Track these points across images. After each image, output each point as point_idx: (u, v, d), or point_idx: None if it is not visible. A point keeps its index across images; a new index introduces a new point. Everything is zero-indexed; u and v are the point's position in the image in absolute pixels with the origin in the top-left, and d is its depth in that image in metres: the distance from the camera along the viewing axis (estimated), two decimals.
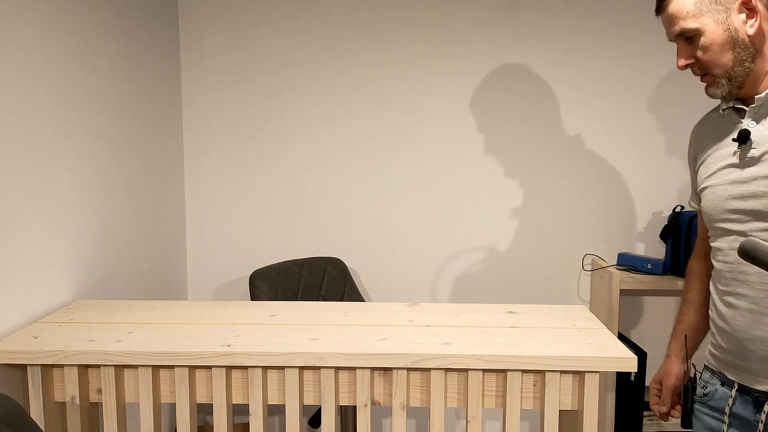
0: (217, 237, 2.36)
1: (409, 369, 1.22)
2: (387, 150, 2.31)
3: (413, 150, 2.31)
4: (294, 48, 2.28)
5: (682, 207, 2.24)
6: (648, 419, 2.18)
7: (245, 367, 1.24)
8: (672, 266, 2.17)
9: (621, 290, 2.09)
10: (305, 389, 1.25)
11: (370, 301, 2.34)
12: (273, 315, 1.45)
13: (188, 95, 2.30)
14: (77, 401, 1.24)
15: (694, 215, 2.12)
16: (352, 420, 2.10)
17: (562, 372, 1.21)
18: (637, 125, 2.26)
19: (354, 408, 2.05)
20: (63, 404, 1.28)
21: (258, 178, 2.34)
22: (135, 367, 1.25)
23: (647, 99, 2.27)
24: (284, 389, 1.24)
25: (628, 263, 2.24)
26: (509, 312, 1.49)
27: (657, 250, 2.31)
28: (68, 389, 1.24)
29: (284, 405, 1.25)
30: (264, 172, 2.33)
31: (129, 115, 1.89)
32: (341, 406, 2.08)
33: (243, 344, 1.24)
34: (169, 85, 2.21)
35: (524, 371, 1.21)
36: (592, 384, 1.20)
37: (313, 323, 1.38)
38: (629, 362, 1.19)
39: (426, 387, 1.23)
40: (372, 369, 1.23)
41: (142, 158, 1.99)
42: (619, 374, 2.13)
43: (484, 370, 1.21)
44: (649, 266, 2.17)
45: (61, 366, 1.24)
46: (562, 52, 2.25)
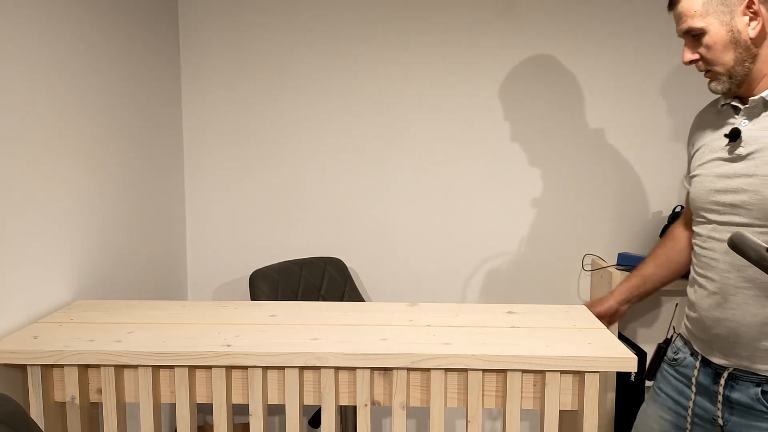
0: (217, 237, 2.36)
1: (409, 369, 1.22)
2: (387, 150, 2.31)
3: (414, 150, 2.31)
4: (294, 48, 2.28)
5: (682, 207, 2.24)
6: None
7: (245, 367, 1.24)
8: None
9: None
10: (305, 389, 1.25)
11: (370, 301, 2.34)
12: (273, 315, 1.45)
13: (188, 95, 2.30)
14: (77, 401, 1.24)
15: None
16: (352, 420, 2.10)
17: (562, 372, 1.21)
18: (637, 125, 2.26)
19: (354, 408, 2.05)
20: (63, 404, 1.28)
21: (258, 178, 2.34)
22: (135, 367, 1.25)
23: (647, 99, 2.27)
24: (284, 389, 1.24)
25: (628, 263, 2.24)
26: (509, 312, 1.49)
27: None
28: (68, 389, 1.24)
29: (284, 405, 1.25)
30: (264, 172, 2.33)
31: (129, 115, 1.89)
32: (341, 406, 2.08)
33: (243, 344, 1.24)
34: (169, 85, 2.21)
35: (524, 371, 1.21)
36: (592, 384, 1.20)
37: (313, 323, 1.38)
38: (629, 362, 1.19)
39: (426, 387, 1.23)
40: (372, 369, 1.23)
41: (143, 158, 1.99)
42: (619, 374, 2.13)
43: (484, 370, 1.21)
44: None
45: (61, 366, 1.24)
46: (562, 53, 2.25)
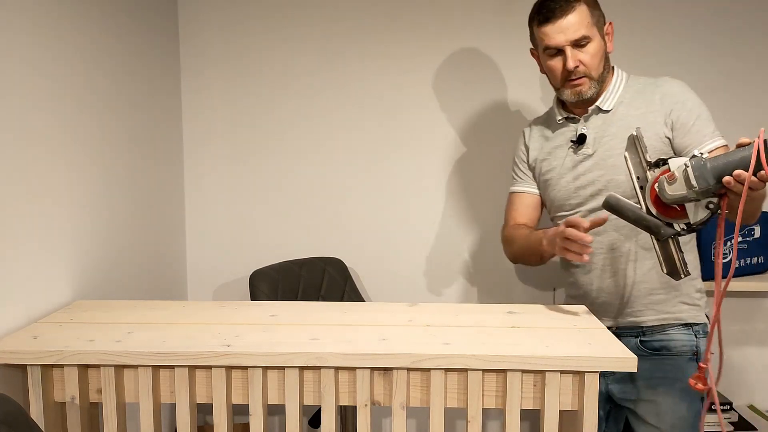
0: (217, 237, 2.36)
1: (409, 369, 1.22)
2: (388, 150, 2.31)
3: (414, 150, 2.31)
4: (295, 48, 2.28)
5: None
6: None
7: (245, 367, 1.24)
8: None
9: None
10: (305, 389, 1.25)
11: (370, 301, 2.34)
12: (273, 315, 1.45)
13: (188, 95, 2.30)
14: (77, 401, 1.24)
15: None
16: (352, 420, 2.10)
17: (562, 372, 1.21)
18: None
19: (354, 408, 2.05)
20: (63, 404, 1.28)
21: (258, 178, 2.34)
22: (135, 367, 1.25)
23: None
24: (284, 389, 1.24)
25: None
26: (509, 312, 1.49)
27: None
28: (68, 389, 1.24)
29: (284, 405, 1.25)
30: (264, 172, 2.33)
31: (129, 115, 1.89)
32: (341, 407, 2.07)
33: (243, 344, 1.24)
34: (169, 85, 2.21)
35: (524, 371, 1.21)
36: (592, 384, 1.20)
37: (313, 323, 1.38)
38: (629, 362, 1.19)
39: (426, 387, 1.23)
40: (372, 369, 1.23)
41: (143, 158, 1.99)
42: None
43: (484, 370, 1.21)
44: None
45: (61, 366, 1.24)
46: None
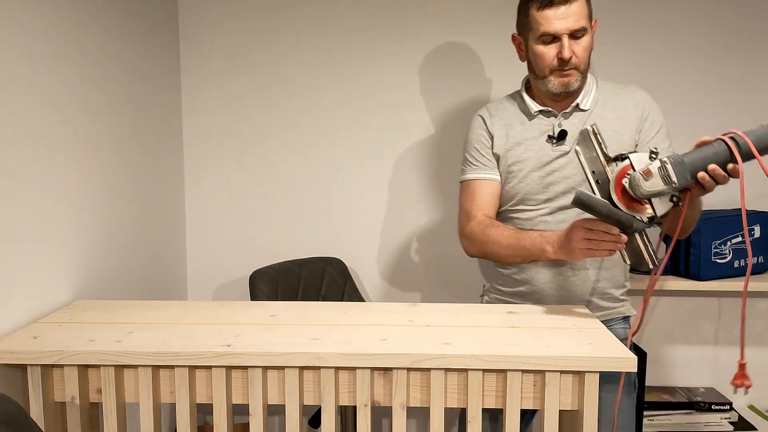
0: (217, 237, 2.36)
1: (409, 369, 1.22)
2: (388, 150, 2.31)
3: (415, 149, 2.31)
4: (295, 48, 2.27)
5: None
6: (648, 419, 2.18)
7: (245, 367, 1.24)
8: (672, 266, 2.17)
9: None
10: (305, 389, 1.25)
11: (370, 301, 2.34)
12: (273, 315, 1.45)
13: (188, 95, 2.30)
14: (77, 401, 1.24)
15: None
16: (352, 420, 2.10)
17: (562, 372, 1.21)
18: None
19: (353, 408, 2.05)
20: (63, 404, 1.28)
21: (258, 178, 2.33)
22: (135, 367, 1.25)
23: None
24: (284, 389, 1.24)
25: None
26: (509, 312, 1.49)
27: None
28: (68, 389, 1.24)
29: (284, 405, 1.25)
30: (264, 172, 2.33)
31: (129, 116, 1.89)
32: (340, 406, 2.07)
33: (243, 344, 1.24)
34: (169, 85, 2.21)
35: (524, 371, 1.21)
36: (592, 384, 1.20)
37: (313, 323, 1.38)
38: (629, 362, 1.19)
39: (426, 387, 1.23)
40: (372, 369, 1.23)
41: (142, 158, 1.99)
42: None
43: (484, 370, 1.21)
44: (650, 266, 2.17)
45: (61, 366, 1.24)
46: None
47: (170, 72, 2.22)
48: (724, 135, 1.24)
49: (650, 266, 1.35)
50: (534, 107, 1.63)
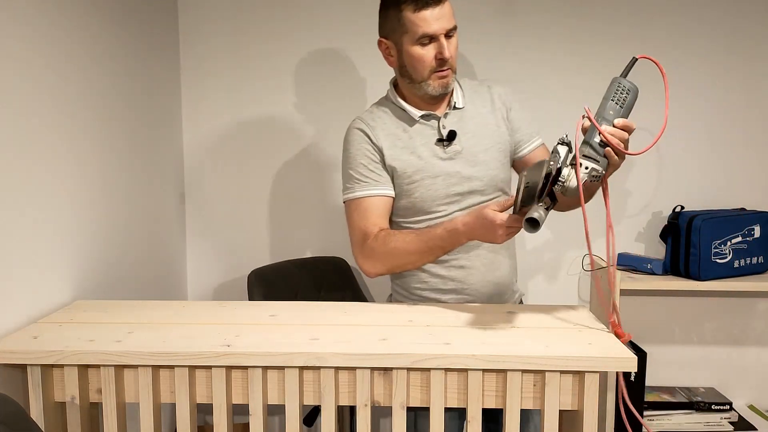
0: (217, 237, 2.36)
1: (409, 369, 1.22)
2: None
3: None
4: (294, 47, 2.27)
5: (682, 207, 2.24)
6: (648, 419, 2.18)
7: (245, 367, 1.24)
8: (672, 266, 2.17)
9: (621, 290, 2.09)
10: (305, 389, 1.25)
11: (370, 301, 2.34)
12: (273, 315, 1.45)
13: (188, 95, 2.30)
14: (77, 401, 1.24)
15: (695, 215, 2.12)
16: (350, 420, 2.09)
17: (562, 372, 1.21)
18: (637, 125, 2.26)
19: (350, 408, 2.04)
20: (63, 404, 1.28)
21: (258, 178, 2.33)
22: (135, 367, 1.25)
23: (645, 98, 2.27)
24: (284, 389, 1.24)
25: (628, 263, 2.24)
26: (509, 312, 1.49)
27: (657, 250, 2.31)
28: (68, 389, 1.24)
29: (284, 405, 1.25)
30: (264, 172, 2.33)
31: (129, 115, 1.89)
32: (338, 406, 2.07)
33: (243, 344, 1.24)
34: (169, 85, 2.21)
35: (524, 371, 1.21)
36: (592, 384, 1.20)
37: (313, 323, 1.38)
38: (629, 362, 1.19)
39: (426, 387, 1.23)
40: (372, 369, 1.23)
41: (142, 158, 1.99)
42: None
43: (484, 370, 1.21)
44: (649, 266, 2.17)
45: (61, 366, 1.24)
46: (562, 52, 2.25)
47: (170, 71, 2.21)
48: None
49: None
50: (415, 112, 1.58)
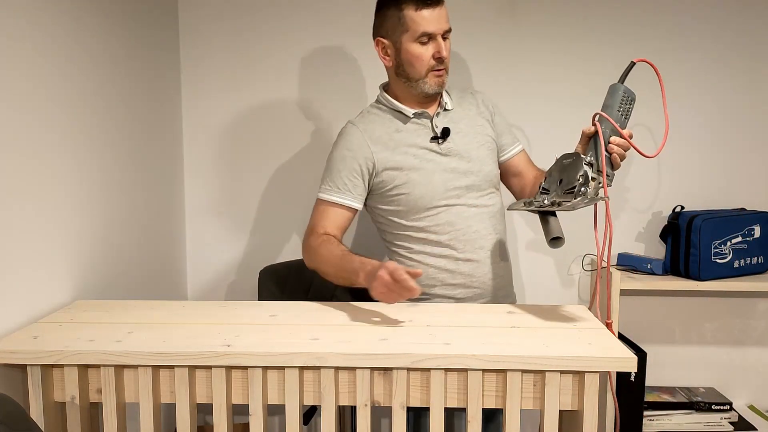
0: (217, 237, 2.36)
1: (409, 369, 1.22)
2: None
3: None
4: (295, 47, 2.27)
5: (682, 207, 2.24)
6: (648, 419, 2.19)
7: (245, 367, 1.24)
8: (672, 266, 2.17)
9: (621, 290, 2.09)
10: (305, 389, 1.25)
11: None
12: (273, 315, 1.45)
13: (188, 95, 2.30)
14: (77, 401, 1.24)
15: (695, 215, 2.12)
16: (350, 420, 2.09)
17: (562, 372, 1.21)
18: (637, 125, 2.26)
19: (350, 408, 2.04)
20: (63, 404, 1.28)
21: (258, 178, 2.33)
22: (135, 367, 1.25)
23: (645, 99, 2.27)
24: (284, 389, 1.24)
25: (628, 263, 2.24)
26: (509, 312, 1.49)
27: (657, 250, 2.31)
28: (68, 389, 1.24)
29: (284, 405, 1.25)
30: (264, 172, 2.33)
31: (129, 115, 1.89)
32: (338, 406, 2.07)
33: (243, 344, 1.24)
34: (169, 85, 2.21)
35: (524, 371, 1.21)
36: (592, 384, 1.20)
37: (313, 323, 1.38)
38: (629, 362, 1.19)
39: (426, 387, 1.23)
40: (372, 369, 1.23)
41: (142, 158, 1.99)
42: (619, 374, 2.13)
43: (484, 370, 1.21)
44: (649, 266, 2.17)
45: (61, 366, 1.24)
46: (563, 52, 2.25)
47: (170, 71, 2.21)
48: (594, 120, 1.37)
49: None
50: (409, 111, 1.63)
